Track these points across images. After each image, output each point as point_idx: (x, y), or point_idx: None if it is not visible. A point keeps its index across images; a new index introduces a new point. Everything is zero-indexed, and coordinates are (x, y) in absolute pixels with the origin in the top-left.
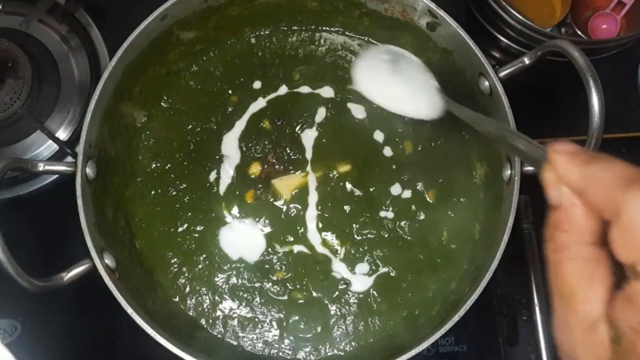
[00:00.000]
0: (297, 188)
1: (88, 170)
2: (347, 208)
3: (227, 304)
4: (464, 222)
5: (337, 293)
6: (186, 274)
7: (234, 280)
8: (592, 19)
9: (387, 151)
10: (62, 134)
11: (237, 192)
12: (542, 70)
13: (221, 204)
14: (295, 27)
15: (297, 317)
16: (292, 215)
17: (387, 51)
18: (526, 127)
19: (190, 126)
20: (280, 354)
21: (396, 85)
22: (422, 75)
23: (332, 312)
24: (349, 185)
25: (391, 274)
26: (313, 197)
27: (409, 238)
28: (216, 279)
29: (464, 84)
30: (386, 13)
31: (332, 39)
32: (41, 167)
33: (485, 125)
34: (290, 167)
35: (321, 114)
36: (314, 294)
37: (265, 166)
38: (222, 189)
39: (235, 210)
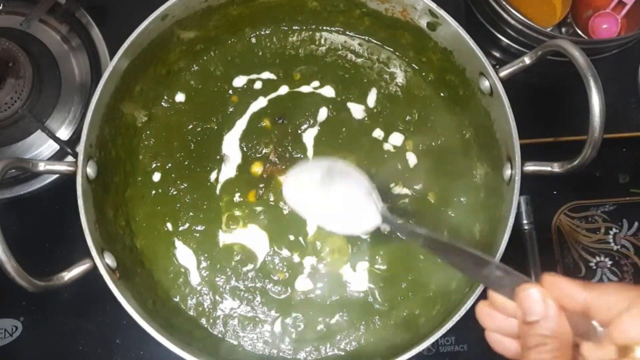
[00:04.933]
0: None
1: (89, 169)
2: None
3: (228, 304)
4: (464, 222)
5: (337, 293)
6: (187, 274)
7: (235, 280)
8: (593, 19)
9: (388, 150)
10: (63, 134)
11: (239, 192)
12: (542, 70)
13: (222, 203)
14: (296, 27)
15: (297, 317)
16: (294, 214)
17: (319, 166)
18: (526, 127)
19: (191, 126)
20: (281, 353)
21: (328, 201)
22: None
23: (333, 312)
24: None
25: (391, 273)
26: None
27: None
28: (217, 279)
29: (464, 84)
30: (387, 13)
31: (333, 39)
32: (42, 166)
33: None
34: (293, 166)
35: (322, 113)
36: (315, 293)
37: (267, 165)
38: (224, 188)
39: (236, 209)
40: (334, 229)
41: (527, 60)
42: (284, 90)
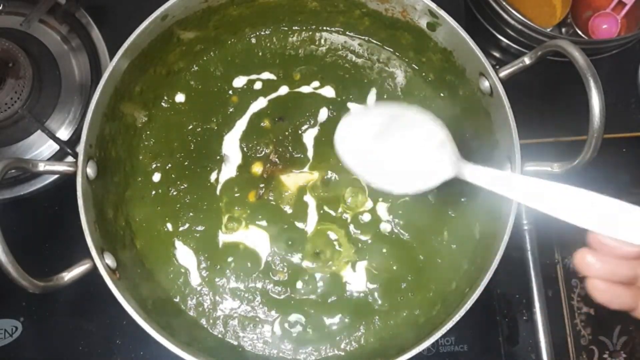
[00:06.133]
0: (302, 185)
1: (89, 170)
2: (348, 207)
3: (228, 304)
4: (464, 222)
5: (337, 293)
6: (187, 274)
7: (235, 280)
8: (593, 19)
9: None
10: (63, 134)
11: (239, 192)
12: (542, 70)
13: (222, 204)
14: (296, 27)
15: (298, 317)
16: (295, 214)
17: (381, 113)
18: (526, 127)
19: (191, 126)
20: (281, 354)
21: (387, 153)
22: (428, 132)
23: (333, 312)
24: (351, 184)
25: (391, 273)
26: (315, 196)
27: (409, 238)
28: (217, 279)
29: (464, 84)
30: (386, 13)
31: (333, 39)
32: (42, 167)
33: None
34: (293, 166)
35: (322, 113)
36: (315, 294)
37: (268, 165)
38: (224, 189)
39: (237, 210)
40: (391, 188)
41: (527, 60)
42: (284, 90)
